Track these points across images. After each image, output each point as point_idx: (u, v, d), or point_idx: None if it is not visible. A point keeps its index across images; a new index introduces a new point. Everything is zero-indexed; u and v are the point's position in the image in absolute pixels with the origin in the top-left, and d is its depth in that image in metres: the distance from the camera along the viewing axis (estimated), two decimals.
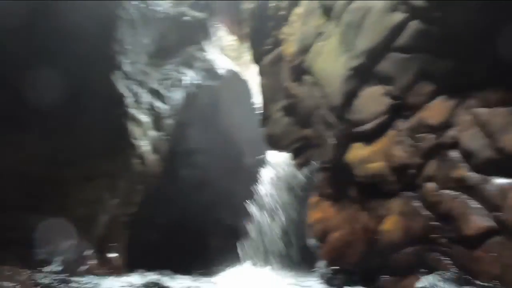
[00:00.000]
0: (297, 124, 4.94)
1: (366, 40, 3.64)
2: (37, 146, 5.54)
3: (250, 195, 7.78)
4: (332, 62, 4.05)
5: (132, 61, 6.17)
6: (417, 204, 3.38)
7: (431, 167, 3.33)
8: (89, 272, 5.20)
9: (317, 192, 4.63)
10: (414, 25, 3.30)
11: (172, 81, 6.92)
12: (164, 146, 6.66)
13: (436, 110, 3.36)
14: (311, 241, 4.52)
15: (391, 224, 3.51)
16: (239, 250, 6.57)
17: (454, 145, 3.23)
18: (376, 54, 3.57)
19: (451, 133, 3.26)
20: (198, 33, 8.13)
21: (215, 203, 7.77)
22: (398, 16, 3.40)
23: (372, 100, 3.65)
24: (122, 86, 5.82)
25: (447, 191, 3.19)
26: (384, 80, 3.58)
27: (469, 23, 2.99)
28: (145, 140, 6.13)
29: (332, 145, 4.11)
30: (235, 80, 8.92)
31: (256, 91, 9.11)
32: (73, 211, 5.43)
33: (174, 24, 7.49)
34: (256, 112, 9.04)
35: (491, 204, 2.91)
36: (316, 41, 4.49)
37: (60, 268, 5.25)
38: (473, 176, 3.06)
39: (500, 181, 2.92)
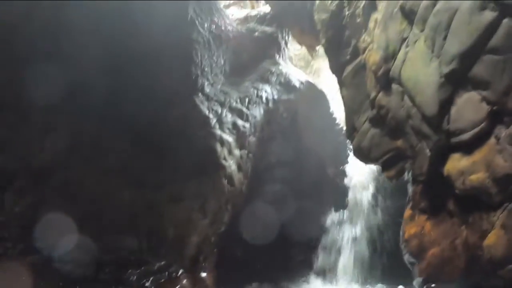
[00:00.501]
0: (387, 135, 5.04)
1: (456, 44, 3.69)
2: (126, 169, 6.22)
3: (335, 206, 8.09)
4: (421, 69, 4.13)
5: (211, 82, 6.80)
6: None
7: None
8: None
9: (411, 205, 4.74)
10: (506, 23, 3.34)
11: (251, 98, 7.43)
12: (247, 164, 7.17)
13: None
14: (407, 257, 4.63)
15: (493, 239, 3.51)
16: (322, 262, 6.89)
17: None
18: (469, 57, 3.58)
19: None
20: (269, 47, 8.63)
21: (299, 215, 8.12)
22: (488, 15, 3.38)
23: (469, 107, 3.66)
24: (205, 107, 6.43)
25: None
26: (480, 85, 3.59)
27: None
28: (231, 160, 6.64)
29: (428, 157, 4.18)
30: (312, 91, 9.20)
31: (332, 99, 9.48)
32: (165, 232, 6.00)
33: (246, 41, 8.09)
34: (335, 121, 9.34)
35: None
36: (401, 48, 4.65)
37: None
38: None
39: None
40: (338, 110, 9.43)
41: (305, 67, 11.67)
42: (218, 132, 6.53)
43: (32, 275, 5.14)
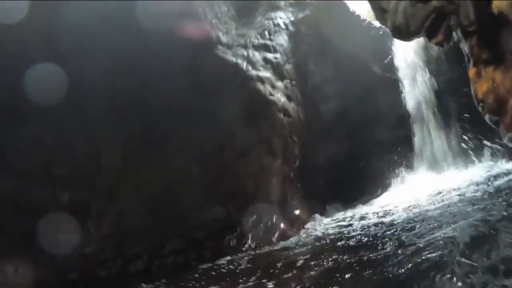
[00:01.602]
0: (418, 1, 4.76)
1: None
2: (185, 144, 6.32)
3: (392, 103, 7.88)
4: None
5: (224, 31, 6.68)
6: None
7: None
8: (284, 237, 5.81)
9: (473, 62, 4.46)
10: None
11: (270, 29, 7.19)
12: (294, 92, 7.12)
13: None
14: (488, 117, 4.43)
15: None
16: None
17: None
18: None
19: None
20: None
21: (367, 121, 8.03)
22: None
23: None
24: (229, 56, 6.37)
25: None
26: None
27: None
28: (277, 93, 6.64)
29: (470, 2, 3.90)
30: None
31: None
32: (245, 188, 6.08)
33: None
34: (361, 18, 8.86)
35: None
36: None
37: (254, 244, 5.91)
38: None
39: None
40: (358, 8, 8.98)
41: None
42: (253, 72, 6.52)
43: None
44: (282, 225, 6.01)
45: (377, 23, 8.55)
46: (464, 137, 6.14)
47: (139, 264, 5.48)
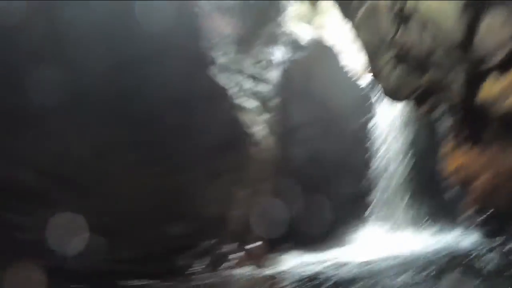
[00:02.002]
0: (412, 72, 5.20)
1: None
2: (154, 158, 6.52)
3: (362, 158, 8.30)
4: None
5: (223, 53, 6.94)
6: None
7: None
8: (240, 265, 5.98)
9: (452, 137, 4.89)
10: None
11: (264, 63, 7.59)
12: (277, 127, 7.40)
13: None
14: (454, 190, 4.82)
15: None
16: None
17: None
18: None
19: None
20: (269, 10, 8.68)
21: (330, 173, 8.35)
22: None
23: (494, 30, 3.80)
24: (221, 79, 6.59)
25: None
26: (501, 6, 3.71)
27: None
28: (259, 126, 6.86)
29: (460, 86, 4.33)
30: (320, 48, 9.28)
31: (342, 53, 9.50)
32: (208, 211, 6.12)
33: (246, 8, 8.12)
34: (348, 75, 9.41)
35: None
36: None
37: (207, 268, 5.98)
38: None
39: None
40: (348, 64, 9.53)
41: (311, 22, 11.62)
42: (241, 100, 6.71)
43: None
44: (240, 255, 6.14)
45: (362, 82, 9.13)
46: (422, 203, 6.52)
47: None
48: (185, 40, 6.49)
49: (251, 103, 6.94)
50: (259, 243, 6.49)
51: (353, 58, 10.85)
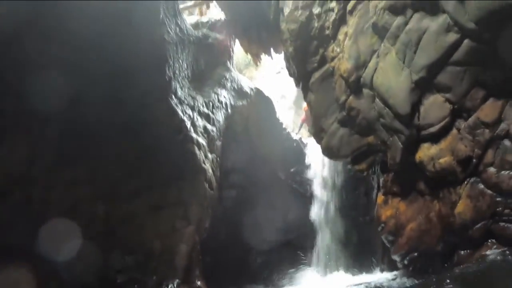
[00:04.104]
0: (357, 133, 6.53)
1: (425, 57, 5.25)
2: (96, 179, 6.71)
3: (289, 208, 9.42)
4: (393, 77, 5.65)
5: (181, 86, 7.66)
6: (481, 186, 4.95)
7: (490, 155, 4.91)
8: None
9: (384, 192, 6.22)
10: (466, 43, 4.94)
11: (214, 103, 8.43)
12: (217, 168, 8.09)
13: (489, 110, 4.96)
14: (385, 237, 6.08)
15: (462, 207, 5.09)
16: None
17: (506, 135, 4.87)
18: (435, 68, 5.18)
19: (503, 126, 4.89)
20: (222, 54, 9.77)
21: (257, 220, 9.25)
22: (452, 36, 4.98)
23: (435, 107, 5.24)
24: (179, 111, 7.26)
25: (505, 172, 4.79)
26: (443, 89, 5.19)
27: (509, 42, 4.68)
28: (207, 163, 7.51)
29: (400, 148, 5.70)
30: (261, 97, 10.56)
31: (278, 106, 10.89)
32: (151, 245, 6.48)
33: (202, 47, 9.10)
34: (282, 126, 10.75)
35: None
36: (371, 58, 6.15)
37: None
38: None
39: None
40: (282, 116, 10.89)
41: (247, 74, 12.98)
42: (194, 135, 7.34)
43: None
44: None
45: (294, 136, 10.48)
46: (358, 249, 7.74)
47: None
48: (152, 63, 7.15)
49: (202, 140, 7.62)
50: (202, 281, 6.89)
51: (286, 112, 12.30)
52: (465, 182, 5.09)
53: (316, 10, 7.09)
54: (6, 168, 6.11)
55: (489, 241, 4.91)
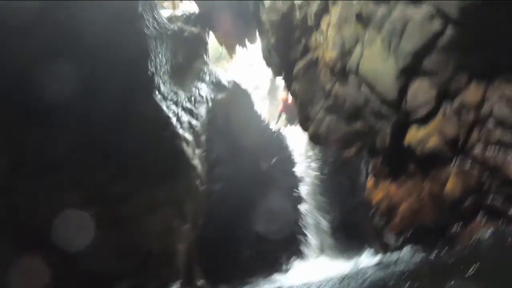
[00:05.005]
0: (345, 120, 6.89)
1: (410, 44, 5.62)
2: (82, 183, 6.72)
3: (274, 199, 9.72)
4: (380, 64, 6.02)
5: (163, 81, 7.75)
6: (469, 164, 5.44)
7: (475, 134, 5.37)
8: None
9: (374, 174, 6.60)
10: (450, 30, 5.36)
11: (196, 98, 8.58)
12: (204, 164, 8.25)
13: (473, 92, 5.43)
14: (377, 219, 6.47)
15: (452, 184, 5.52)
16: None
17: (489, 115, 5.32)
18: (421, 55, 5.59)
19: (486, 107, 5.36)
20: (198, 47, 9.89)
21: (242, 212, 9.51)
22: (437, 24, 5.42)
23: (422, 91, 5.66)
24: (164, 107, 7.35)
25: (490, 149, 5.27)
26: (429, 74, 5.60)
27: (492, 27, 5.11)
28: (196, 159, 7.63)
29: (389, 132, 6.09)
30: (238, 90, 10.78)
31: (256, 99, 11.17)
32: (149, 246, 6.53)
33: (179, 41, 9.18)
34: (261, 118, 11.02)
35: None
36: (356, 46, 6.50)
37: None
38: (506, 135, 5.18)
39: None
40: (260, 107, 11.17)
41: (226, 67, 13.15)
42: (181, 131, 7.46)
43: None
44: None
45: (273, 127, 10.79)
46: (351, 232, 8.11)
47: None
48: (134, 58, 7.18)
49: (189, 136, 7.74)
50: (203, 279, 7.05)
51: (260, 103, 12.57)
52: (454, 161, 5.52)
53: (298, 0, 7.37)
54: None
55: (479, 215, 5.37)
